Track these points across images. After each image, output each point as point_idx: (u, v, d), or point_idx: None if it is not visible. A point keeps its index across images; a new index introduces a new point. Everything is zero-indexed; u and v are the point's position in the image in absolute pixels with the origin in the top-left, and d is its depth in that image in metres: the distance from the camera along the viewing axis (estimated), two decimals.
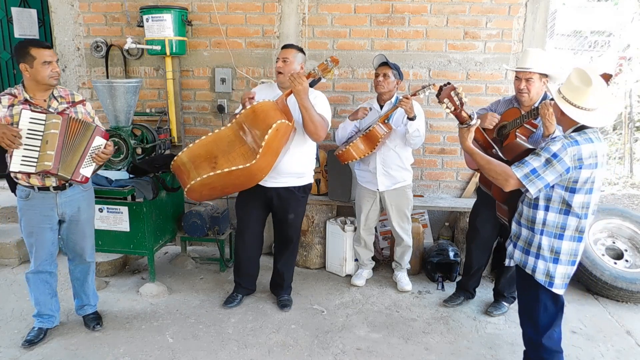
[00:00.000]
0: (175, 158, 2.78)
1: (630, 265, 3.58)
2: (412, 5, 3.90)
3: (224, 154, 2.71)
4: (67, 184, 2.69)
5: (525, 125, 2.81)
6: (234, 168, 2.65)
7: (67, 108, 2.67)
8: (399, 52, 3.96)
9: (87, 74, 4.27)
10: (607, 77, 2.19)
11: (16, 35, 4.99)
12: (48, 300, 2.90)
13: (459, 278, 3.61)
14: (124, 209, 3.39)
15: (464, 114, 2.30)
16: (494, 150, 2.52)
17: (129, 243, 3.46)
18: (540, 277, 2.17)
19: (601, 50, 8.55)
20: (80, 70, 4.26)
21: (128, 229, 3.42)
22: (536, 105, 2.82)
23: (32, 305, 2.91)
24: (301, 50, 3.04)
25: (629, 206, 5.86)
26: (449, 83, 2.35)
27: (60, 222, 2.80)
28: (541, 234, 2.16)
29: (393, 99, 3.36)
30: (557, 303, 2.22)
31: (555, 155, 2.02)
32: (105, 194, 3.33)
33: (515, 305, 3.31)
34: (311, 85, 2.76)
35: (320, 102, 2.96)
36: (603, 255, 3.60)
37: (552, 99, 2.65)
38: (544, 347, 2.24)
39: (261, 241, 3.31)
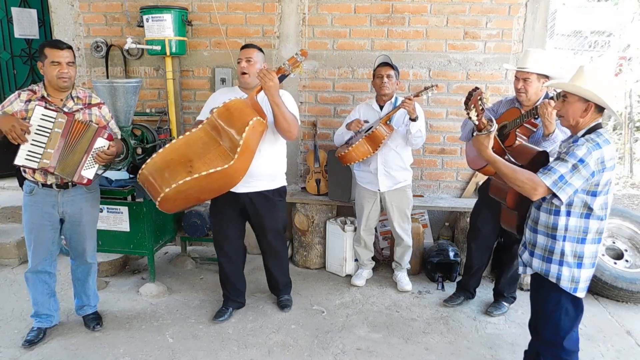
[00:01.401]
0: (142, 167, 2.53)
1: (630, 265, 3.58)
2: (412, 5, 3.90)
3: (200, 157, 2.52)
4: (70, 184, 2.70)
5: (525, 124, 2.81)
6: (212, 170, 2.47)
7: (81, 109, 2.68)
8: (399, 52, 3.96)
9: (87, 74, 4.27)
10: None
11: (16, 35, 5.00)
12: (46, 300, 2.90)
13: (459, 278, 3.61)
14: (124, 209, 3.39)
15: (484, 120, 2.14)
16: (506, 156, 2.34)
17: (129, 243, 3.46)
18: (565, 284, 2.12)
19: (601, 50, 8.55)
20: (80, 70, 4.26)
21: (128, 229, 3.42)
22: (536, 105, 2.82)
23: (31, 304, 2.91)
24: (261, 49, 2.97)
25: (629, 206, 5.86)
26: (477, 88, 2.19)
27: (62, 221, 2.80)
28: (564, 240, 2.10)
29: (393, 100, 3.36)
30: (578, 307, 2.18)
31: (581, 161, 1.96)
32: (105, 194, 3.33)
33: (515, 305, 3.33)
34: (280, 81, 2.67)
35: (287, 100, 2.86)
36: (603, 255, 3.60)
37: (551, 97, 2.65)
38: (564, 349, 2.20)
39: (243, 251, 3.21)
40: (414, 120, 3.16)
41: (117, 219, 3.41)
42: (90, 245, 2.92)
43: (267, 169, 2.92)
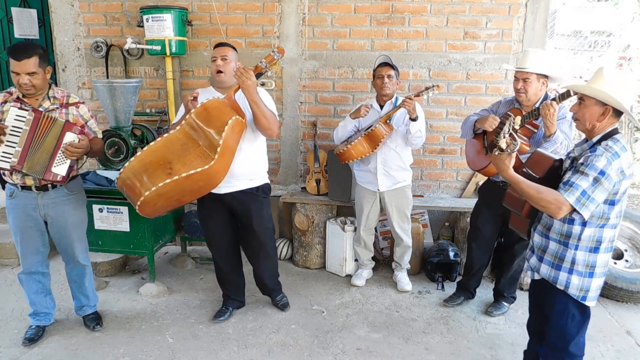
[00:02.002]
0: (120, 171, 2.47)
1: (630, 265, 3.58)
2: (412, 5, 3.90)
3: (179, 158, 2.47)
4: (49, 185, 2.66)
5: (526, 125, 2.81)
6: (192, 172, 2.42)
7: (58, 109, 2.64)
8: (399, 52, 3.96)
9: (87, 74, 4.27)
10: None
11: (16, 35, 4.99)
12: (42, 299, 2.91)
13: (459, 278, 3.61)
14: (124, 209, 3.39)
15: (508, 140, 2.02)
16: (524, 169, 2.21)
17: (129, 243, 3.46)
18: (574, 292, 2.07)
19: (601, 50, 8.54)
20: (80, 70, 4.26)
21: (128, 229, 3.42)
22: (537, 105, 2.82)
23: (28, 304, 2.92)
24: (235, 48, 2.94)
25: (629, 206, 5.85)
26: (509, 115, 2.08)
27: (46, 223, 2.77)
28: (576, 249, 2.03)
29: (394, 100, 3.36)
30: (585, 313, 2.15)
31: (602, 173, 1.88)
32: (105, 194, 3.33)
33: (515, 305, 3.33)
34: (256, 79, 2.65)
35: (264, 97, 2.83)
36: None
37: (553, 99, 2.64)
38: (569, 353, 2.17)
39: (238, 250, 3.18)
40: (414, 120, 3.16)
41: (117, 219, 3.41)
42: (79, 248, 2.87)
43: (247, 167, 2.88)
